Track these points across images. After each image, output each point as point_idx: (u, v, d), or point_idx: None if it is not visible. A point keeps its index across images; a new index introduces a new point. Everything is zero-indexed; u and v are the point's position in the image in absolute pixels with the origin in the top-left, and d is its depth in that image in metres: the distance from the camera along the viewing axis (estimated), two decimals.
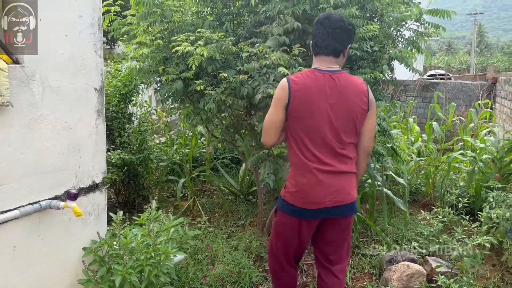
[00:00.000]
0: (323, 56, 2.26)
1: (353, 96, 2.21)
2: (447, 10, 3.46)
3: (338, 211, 2.28)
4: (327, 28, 2.22)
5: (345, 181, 2.26)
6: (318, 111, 2.18)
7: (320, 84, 2.19)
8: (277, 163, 3.18)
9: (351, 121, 2.22)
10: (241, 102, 3.08)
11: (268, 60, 2.84)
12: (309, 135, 2.22)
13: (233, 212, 4.85)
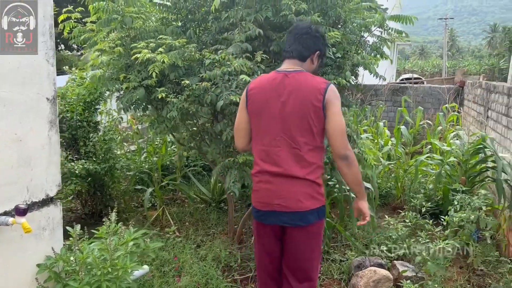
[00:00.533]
0: (288, 60, 2.29)
1: (306, 94, 2.14)
2: (409, 16, 3.50)
3: (288, 218, 2.18)
4: (294, 34, 2.29)
5: (299, 187, 2.15)
6: (269, 109, 2.19)
7: (274, 84, 2.21)
8: (244, 171, 3.14)
9: (304, 119, 2.14)
10: (205, 109, 3.04)
11: (230, 67, 2.81)
12: (262, 134, 2.23)
13: (204, 221, 4.78)
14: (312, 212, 2.18)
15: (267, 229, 2.30)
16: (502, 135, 4.66)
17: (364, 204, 2.34)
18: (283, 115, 2.16)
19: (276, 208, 2.19)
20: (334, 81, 3.15)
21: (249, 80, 2.70)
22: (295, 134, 2.16)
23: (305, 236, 2.24)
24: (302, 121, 2.14)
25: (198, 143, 3.47)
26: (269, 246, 2.34)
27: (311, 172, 2.17)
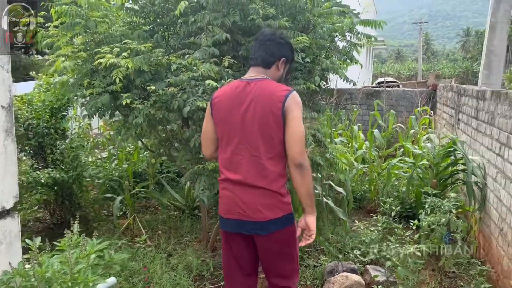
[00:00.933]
0: (252, 67, 2.28)
1: (266, 102, 2.11)
2: (378, 21, 3.52)
3: (248, 227, 2.17)
4: (259, 41, 2.29)
5: (259, 197, 2.13)
6: (232, 118, 2.19)
7: (237, 92, 2.20)
8: (214, 178, 3.08)
9: (264, 127, 2.11)
10: (173, 115, 2.97)
11: (196, 72, 2.75)
12: (225, 142, 2.23)
13: (177, 228, 4.69)
14: (274, 221, 2.14)
15: (234, 236, 2.28)
16: (472, 137, 4.73)
17: (312, 220, 2.22)
18: (244, 123, 2.15)
19: (236, 217, 2.19)
20: (304, 85, 3.13)
21: (215, 86, 2.66)
22: (256, 143, 2.13)
23: (271, 244, 2.21)
24: (262, 129, 2.12)
25: (167, 150, 3.40)
26: (237, 251, 2.32)
27: (272, 182, 2.13)
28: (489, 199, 3.77)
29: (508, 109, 3.34)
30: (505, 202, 3.28)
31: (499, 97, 3.66)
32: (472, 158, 4.20)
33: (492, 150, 3.79)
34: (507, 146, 3.34)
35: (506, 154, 3.33)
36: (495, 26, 6.50)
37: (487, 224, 3.75)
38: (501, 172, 3.44)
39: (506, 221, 3.20)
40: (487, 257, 3.62)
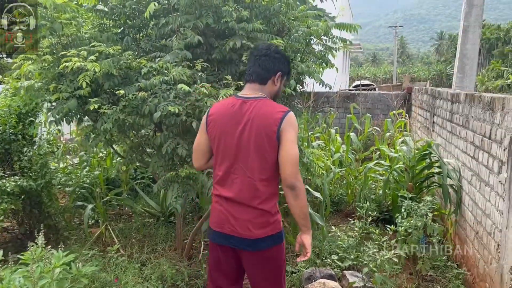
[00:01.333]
0: (248, 84, 2.26)
1: (262, 124, 2.10)
2: (353, 24, 3.51)
3: (238, 243, 2.19)
4: (254, 56, 2.25)
5: (249, 214, 2.14)
6: (227, 136, 2.18)
7: (232, 111, 2.19)
8: (187, 185, 2.99)
9: (259, 149, 2.11)
10: (144, 120, 2.86)
11: (168, 76, 2.66)
12: (220, 160, 2.23)
13: (151, 237, 4.56)
14: (263, 239, 2.14)
15: (221, 246, 2.28)
16: (447, 140, 4.77)
17: (307, 239, 2.22)
18: (240, 144, 2.15)
19: (226, 231, 2.21)
20: None
21: (188, 90, 2.57)
22: (251, 164, 2.13)
23: (258, 261, 2.21)
24: (257, 151, 2.12)
25: (139, 156, 3.29)
26: (224, 261, 2.32)
27: (264, 202, 2.14)
28: (464, 202, 3.79)
29: (481, 112, 3.36)
30: (480, 205, 3.29)
31: (473, 100, 3.69)
32: (447, 161, 4.23)
33: (467, 153, 3.81)
34: (481, 149, 3.36)
35: (481, 157, 3.34)
36: (467, 29, 6.61)
37: (463, 227, 3.76)
38: (476, 175, 3.46)
39: (482, 224, 3.21)
40: (463, 260, 3.64)
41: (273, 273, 2.25)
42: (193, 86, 2.65)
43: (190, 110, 2.64)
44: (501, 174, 2.85)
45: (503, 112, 2.88)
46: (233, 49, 2.97)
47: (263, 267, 2.23)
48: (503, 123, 2.87)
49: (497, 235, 2.85)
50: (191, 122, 2.63)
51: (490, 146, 3.12)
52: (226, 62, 3.14)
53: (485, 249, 3.09)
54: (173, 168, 3.00)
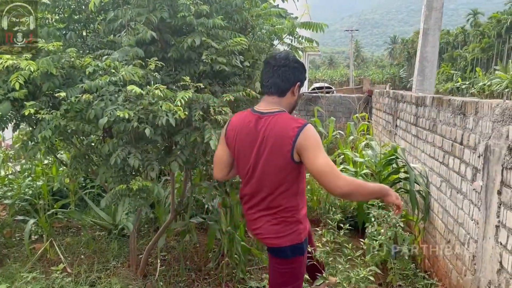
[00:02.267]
0: (266, 96, 2.23)
1: (277, 142, 2.09)
2: (319, 23, 3.30)
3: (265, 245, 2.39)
4: (272, 66, 2.18)
5: (267, 225, 2.20)
6: (243, 151, 2.22)
7: (248, 126, 2.20)
8: (141, 198, 2.67)
9: (276, 167, 2.11)
10: (89, 127, 2.51)
11: (116, 76, 2.33)
12: (240, 172, 2.31)
13: (102, 252, 4.16)
14: (282, 249, 2.20)
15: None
16: (411, 144, 4.69)
17: (391, 198, 2.18)
18: (257, 162, 2.16)
19: (254, 237, 2.42)
20: (243, 92, 2.81)
21: (139, 92, 2.26)
22: (268, 181, 2.15)
23: (276, 268, 2.28)
24: (274, 169, 2.12)
25: (84, 166, 2.92)
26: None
27: (284, 214, 2.17)
28: (433, 208, 3.68)
29: (451, 117, 3.25)
30: (451, 212, 3.17)
31: (441, 103, 3.59)
32: (413, 166, 4.12)
33: (435, 158, 3.71)
34: (451, 154, 3.24)
35: (451, 163, 3.23)
36: (427, 32, 6.65)
37: (432, 235, 3.65)
38: (446, 181, 3.34)
39: (454, 233, 3.09)
40: (433, 269, 3.52)
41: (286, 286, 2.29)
42: (146, 88, 2.33)
43: (142, 115, 2.32)
44: (475, 182, 2.72)
45: (476, 116, 2.76)
46: (191, 47, 2.68)
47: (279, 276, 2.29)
48: (476, 128, 2.75)
49: (472, 246, 2.72)
50: (144, 129, 2.31)
51: (462, 152, 3.00)
52: (184, 61, 2.84)
53: (458, 260, 2.96)
54: (124, 179, 2.67)
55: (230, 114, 2.59)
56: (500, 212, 2.33)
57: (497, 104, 2.48)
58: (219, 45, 2.67)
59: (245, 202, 2.31)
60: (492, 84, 44.49)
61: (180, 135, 2.58)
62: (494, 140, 2.46)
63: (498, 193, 2.36)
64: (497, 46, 54.69)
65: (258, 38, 3.15)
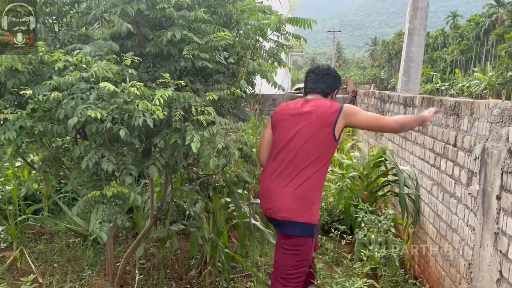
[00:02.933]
0: (312, 94, 2.65)
1: (321, 115, 2.45)
2: (307, 19, 3.13)
3: (276, 224, 2.51)
4: (317, 74, 2.68)
5: (287, 198, 2.39)
6: (286, 125, 2.54)
7: (295, 106, 2.59)
8: (116, 205, 2.46)
9: (314, 134, 2.42)
10: (59, 128, 2.29)
11: (87, 72, 2.12)
12: (274, 146, 2.60)
13: (77, 260, 3.93)
14: (293, 224, 2.38)
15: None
16: (399, 145, 4.58)
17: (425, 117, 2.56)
18: (297, 133, 2.46)
19: (267, 213, 2.54)
20: (228, 91, 2.63)
21: (113, 89, 2.05)
22: (303, 153, 2.42)
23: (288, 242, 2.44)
24: (313, 140, 2.42)
25: (55, 170, 2.69)
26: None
27: (306, 188, 2.39)
28: (424, 212, 3.57)
29: (443, 118, 3.13)
30: (444, 217, 3.05)
31: (431, 104, 3.48)
32: (402, 168, 4.00)
33: (425, 160, 3.59)
34: (443, 157, 3.13)
35: (444, 166, 3.11)
36: (413, 32, 6.57)
37: (422, 240, 3.53)
38: (438, 184, 3.23)
39: (447, 238, 2.97)
40: (424, 275, 3.40)
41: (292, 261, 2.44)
42: (121, 85, 2.12)
43: (117, 115, 2.12)
44: (471, 186, 2.60)
45: (472, 117, 2.64)
46: (172, 41, 2.48)
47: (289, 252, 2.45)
48: (472, 129, 2.63)
49: (468, 253, 2.60)
50: (119, 130, 2.11)
51: (456, 154, 2.88)
52: (163, 57, 2.64)
53: (452, 267, 2.84)
54: (98, 185, 2.45)
55: (213, 114, 2.41)
56: (500, 218, 2.21)
57: (495, 104, 2.36)
58: (201, 40, 2.48)
59: (269, 174, 2.51)
60: (471, 86, 45.41)
61: (159, 137, 2.38)
62: (492, 142, 2.34)
63: (497, 198, 2.24)
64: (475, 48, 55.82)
65: (243, 33, 2.96)
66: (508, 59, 43.29)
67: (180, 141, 2.35)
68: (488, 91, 43.58)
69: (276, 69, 3.42)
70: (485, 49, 54.37)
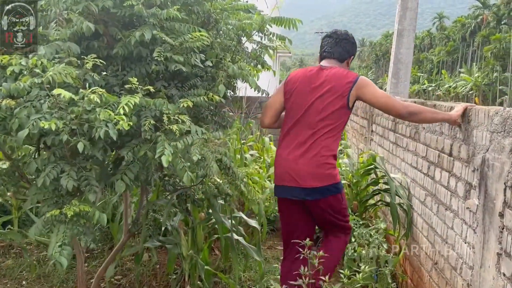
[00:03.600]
0: (327, 59, 2.70)
1: (335, 85, 2.49)
2: (292, 19, 2.92)
3: (300, 193, 2.51)
4: (335, 38, 2.71)
5: (309, 166, 2.47)
6: (298, 93, 2.58)
7: (309, 74, 2.62)
8: (79, 226, 2.20)
9: (329, 102, 2.48)
10: (12, 140, 2.03)
11: (41, 77, 1.87)
12: (288, 114, 2.65)
13: (48, 277, 3.67)
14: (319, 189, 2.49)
15: (289, 203, 2.66)
16: (390, 152, 4.39)
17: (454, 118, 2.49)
18: (314, 102, 2.51)
19: (287, 183, 2.55)
20: (205, 97, 2.39)
21: (69, 96, 1.80)
22: (320, 119, 2.49)
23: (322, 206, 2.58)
24: (329, 107, 2.48)
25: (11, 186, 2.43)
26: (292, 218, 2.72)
27: (323, 154, 2.47)
28: (416, 224, 3.37)
29: (438, 124, 2.93)
30: (439, 231, 2.85)
31: None
32: (393, 176, 3.80)
33: (417, 169, 3.39)
34: (438, 166, 2.93)
35: (438, 176, 2.91)
36: (402, 33, 6.40)
37: (415, 253, 3.33)
38: (432, 195, 3.03)
39: (442, 255, 2.76)
40: None
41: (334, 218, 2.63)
42: (81, 92, 1.87)
43: (75, 126, 1.86)
44: (469, 200, 2.40)
45: (470, 125, 2.44)
46: (142, 42, 2.24)
47: (327, 214, 2.62)
48: (470, 138, 2.43)
49: (466, 272, 2.40)
50: (77, 143, 1.85)
51: (452, 164, 2.69)
52: (133, 59, 2.39)
53: (448, 285, 2.64)
54: (58, 203, 2.19)
55: (188, 123, 2.17)
56: (503, 238, 2.01)
57: (496, 112, 2.16)
58: (175, 41, 2.24)
59: (286, 148, 2.58)
60: (457, 86, 45.81)
61: (126, 149, 2.14)
62: (493, 154, 2.14)
63: (500, 215, 2.04)
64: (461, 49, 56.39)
65: (223, 34, 2.73)
66: (493, 60, 43.75)
67: (150, 153, 2.11)
68: (474, 92, 44.00)
69: (260, 72, 3.20)
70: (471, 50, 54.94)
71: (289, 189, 2.55)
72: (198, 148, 2.21)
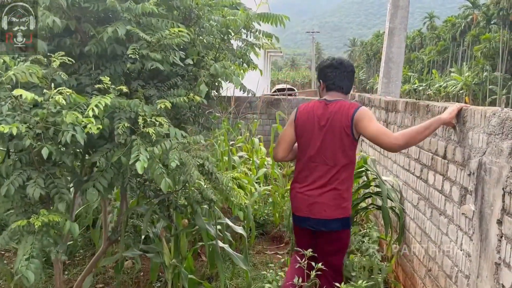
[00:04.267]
0: (334, 92, 2.69)
1: (339, 120, 2.55)
2: (279, 15, 2.79)
3: (314, 223, 2.61)
4: (343, 71, 2.69)
5: (324, 198, 2.57)
6: (309, 131, 2.64)
7: (316, 111, 2.65)
8: (49, 237, 2.05)
9: (337, 139, 2.55)
10: None
11: (3, 77, 1.71)
12: (301, 150, 2.71)
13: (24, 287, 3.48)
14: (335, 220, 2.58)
15: (304, 231, 2.73)
16: (381, 153, 4.27)
17: (445, 120, 2.41)
18: (324, 138, 2.58)
19: (304, 215, 2.64)
20: (185, 98, 2.24)
21: (32, 97, 1.64)
22: (329, 152, 2.56)
23: (332, 238, 2.64)
24: (336, 141, 2.56)
25: None
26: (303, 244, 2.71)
27: (338, 186, 2.57)
28: (409, 228, 3.25)
29: None
30: (433, 237, 2.73)
31: (416, 109, 3.16)
32: (385, 179, 3.68)
33: (410, 171, 3.28)
34: (431, 169, 2.81)
35: (431, 179, 2.79)
36: (393, 32, 6.30)
37: (408, 259, 3.21)
38: (425, 199, 2.91)
39: (436, 261, 2.64)
40: None
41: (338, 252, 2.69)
42: (44, 95, 1.72)
43: (40, 130, 1.71)
44: (464, 205, 2.28)
45: (465, 127, 2.32)
46: (117, 39, 2.09)
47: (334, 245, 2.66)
48: (465, 140, 2.31)
49: (462, 281, 2.28)
50: (41, 148, 1.70)
51: (446, 167, 2.57)
52: (108, 58, 2.24)
53: None
54: (27, 212, 2.04)
55: (166, 126, 2.03)
56: (501, 247, 1.89)
57: (493, 113, 2.04)
58: (151, 37, 2.09)
59: (303, 181, 2.65)
60: (448, 86, 46.07)
61: (98, 154, 1.98)
62: (490, 157, 2.02)
63: (498, 222, 1.92)
64: (452, 48, 56.73)
65: (205, 30, 2.58)
66: (483, 60, 44.07)
67: (124, 158, 1.96)
68: (464, 91, 44.27)
69: (246, 71, 3.06)
70: (461, 50, 55.29)
71: (305, 219, 2.65)
72: (177, 153, 2.06)
